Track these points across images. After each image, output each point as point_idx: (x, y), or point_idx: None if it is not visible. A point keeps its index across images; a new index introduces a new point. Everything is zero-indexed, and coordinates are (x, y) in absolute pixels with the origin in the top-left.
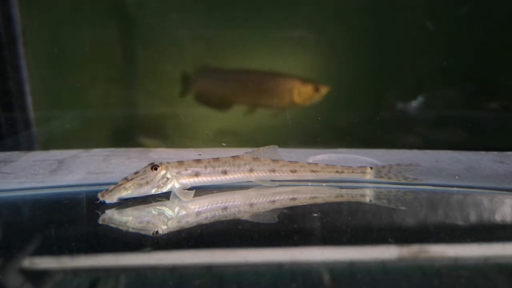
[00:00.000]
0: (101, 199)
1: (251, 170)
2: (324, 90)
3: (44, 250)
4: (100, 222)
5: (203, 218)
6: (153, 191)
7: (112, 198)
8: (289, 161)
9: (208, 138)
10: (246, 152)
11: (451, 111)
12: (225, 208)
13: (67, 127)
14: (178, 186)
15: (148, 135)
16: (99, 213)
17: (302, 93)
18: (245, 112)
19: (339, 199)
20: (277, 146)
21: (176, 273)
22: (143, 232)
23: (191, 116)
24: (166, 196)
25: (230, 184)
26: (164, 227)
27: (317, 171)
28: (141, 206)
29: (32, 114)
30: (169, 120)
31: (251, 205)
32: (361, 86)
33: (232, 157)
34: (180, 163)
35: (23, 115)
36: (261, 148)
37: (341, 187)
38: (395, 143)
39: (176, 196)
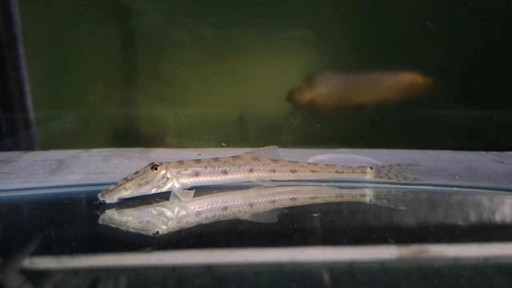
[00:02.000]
0: (101, 199)
1: (251, 170)
2: (432, 79)
3: (44, 250)
4: (100, 222)
5: (203, 218)
6: (153, 191)
7: (112, 198)
8: (289, 161)
9: (208, 138)
10: (246, 152)
11: (451, 110)
12: (225, 208)
13: (67, 127)
14: (178, 186)
15: (148, 134)
16: (99, 213)
17: (422, 86)
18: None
19: (339, 199)
20: (277, 146)
21: (176, 273)
22: (143, 232)
23: (191, 116)
24: (166, 196)
25: (230, 184)
26: (164, 227)
27: (317, 171)
28: (141, 206)
29: (32, 114)
30: (169, 120)
31: (251, 205)
32: None
33: (232, 157)
34: (180, 163)
35: (23, 115)
36: (261, 148)
37: (341, 187)
38: (396, 143)
39: (176, 196)
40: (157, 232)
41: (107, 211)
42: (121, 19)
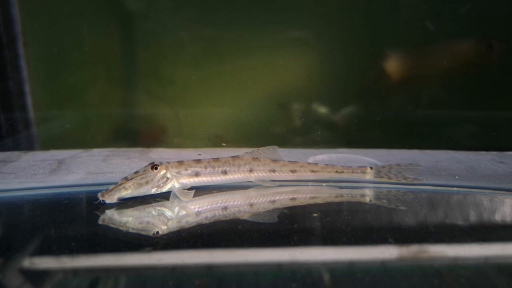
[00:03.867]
0: (101, 199)
1: (251, 170)
2: (500, 45)
3: (44, 250)
4: (100, 222)
5: (203, 218)
6: (153, 190)
7: (112, 198)
8: (289, 161)
9: (208, 138)
10: (246, 152)
11: (450, 110)
12: (225, 208)
13: (67, 127)
14: (178, 186)
15: (148, 134)
16: (99, 213)
17: (477, 52)
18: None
19: (339, 199)
20: (277, 146)
21: (176, 273)
22: (143, 232)
23: (191, 116)
24: (166, 196)
25: (230, 184)
26: (164, 227)
27: (317, 171)
28: (141, 206)
29: (32, 114)
30: (169, 120)
31: (251, 205)
32: (363, 85)
33: (232, 157)
34: (180, 163)
35: (23, 115)
36: (261, 148)
37: (341, 187)
38: (396, 143)
39: (176, 196)
40: (157, 232)
41: (107, 211)
42: (121, 19)
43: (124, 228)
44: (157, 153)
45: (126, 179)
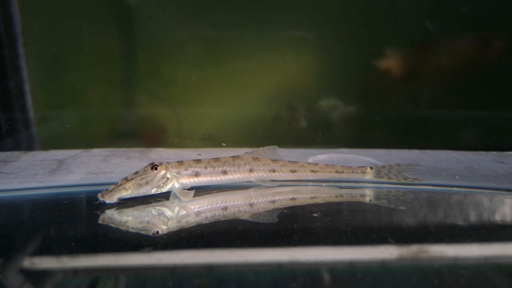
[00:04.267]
0: (101, 199)
1: (251, 170)
2: (497, 42)
3: (44, 250)
4: (100, 222)
5: (203, 218)
6: (153, 191)
7: (112, 198)
8: (289, 161)
9: (208, 138)
10: (246, 152)
11: (450, 111)
12: (225, 208)
13: (67, 127)
14: (178, 186)
15: (148, 135)
16: (99, 213)
17: (475, 50)
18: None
19: (339, 199)
20: (277, 146)
21: (176, 273)
22: (143, 232)
23: (191, 116)
24: (166, 196)
25: (230, 184)
26: (164, 227)
27: (317, 171)
28: (141, 206)
29: (32, 114)
30: (169, 120)
31: (251, 205)
32: (363, 85)
33: (232, 157)
34: (180, 163)
35: (23, 115)
36: (261, 148)
37: (341, 187)
38: (396, 143)
39: (176, 196)
40: (157, 232)
41: (107, 211)
42: (121, 19)
43: (124, 228)
44: (157, 153)
45: (126, 179)
